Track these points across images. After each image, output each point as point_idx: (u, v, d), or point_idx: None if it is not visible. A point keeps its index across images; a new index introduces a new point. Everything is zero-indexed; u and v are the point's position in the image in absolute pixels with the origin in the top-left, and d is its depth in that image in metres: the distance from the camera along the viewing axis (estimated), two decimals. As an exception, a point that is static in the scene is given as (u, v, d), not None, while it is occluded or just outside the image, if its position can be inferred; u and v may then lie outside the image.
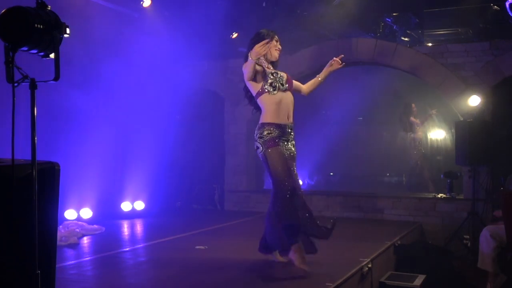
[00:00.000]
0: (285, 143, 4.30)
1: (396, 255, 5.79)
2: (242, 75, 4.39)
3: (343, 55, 4.59)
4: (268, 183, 10.00)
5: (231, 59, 8.83)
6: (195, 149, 9.16)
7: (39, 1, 2.26)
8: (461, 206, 7.37)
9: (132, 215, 7.71)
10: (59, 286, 2.61)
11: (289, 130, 4.34)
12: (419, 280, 5.00)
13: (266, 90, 4.30)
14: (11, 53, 2.18)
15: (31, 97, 2.22)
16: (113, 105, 7.38)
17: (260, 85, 4.32)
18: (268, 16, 8.03)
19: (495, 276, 5.11)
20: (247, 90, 4.50)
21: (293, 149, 4.38)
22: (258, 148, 4.28)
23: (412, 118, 9.71)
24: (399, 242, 5.94)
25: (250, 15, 8.14)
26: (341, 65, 4.55)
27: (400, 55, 7.97)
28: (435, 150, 10.71)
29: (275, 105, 4.27)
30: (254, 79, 4.31)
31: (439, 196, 7.78)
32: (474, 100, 7.32)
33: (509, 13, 7.01)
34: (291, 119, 4.37)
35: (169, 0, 7.68)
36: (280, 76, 4.37)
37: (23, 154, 2.34)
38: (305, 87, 4.66)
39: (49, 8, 2.27)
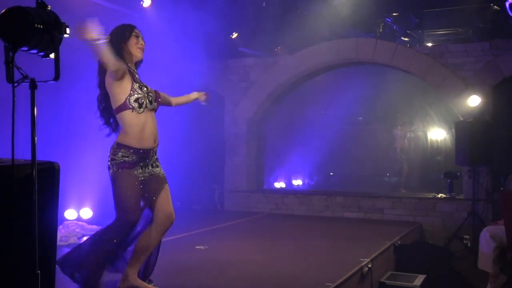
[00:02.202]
0: (145, 168, 3.54)
1: (396, 255, 5.79)
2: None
3: (209, 95, 4.19)
4: (267, 183, 10.04)
5: (231, 59, 8.83)
6: (195, 149, 9.15)
7: (39, 1, 2.25)
8: (461, 206, 7.37)
9: (132, 215, 7.68)
10: (59, 286, 2.60)
11: (153, 153, 3.59)
12: (419, 280, 5.01)
13: (131, 107, 3.38)
14: (11, 53, 2.17)
15: (31, 97, 2.22)
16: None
17: (123, 97, 3.38)
18: (268, 16, 8.04)
19: (495, 277, 5.11)
20: (102, 99, 3.62)
21: (157, 169, 3.65)
22: (109, 168, 3.45)
23: (398, 130, 10.02)
24: (399, 242, 5.94)
25: (250, 15, 8.14)
26: (205, 102, 4.13)
27: (400, 55, 7.97)
28: (435, 150, 10.73)
29: (140, 127, 3.42)
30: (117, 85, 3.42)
31: (439, 196, 7.79)
32: (474, 100, 7.32)
33: (509, 13, 7.02)
34: (157, 142, 3.61)
35: (169, 0, 7.67)
36: (149, 90, 3.54)
37: (23, 154, 2.34)
38: (174, 100, 4.03)
39: (49, 8, 2.27)
